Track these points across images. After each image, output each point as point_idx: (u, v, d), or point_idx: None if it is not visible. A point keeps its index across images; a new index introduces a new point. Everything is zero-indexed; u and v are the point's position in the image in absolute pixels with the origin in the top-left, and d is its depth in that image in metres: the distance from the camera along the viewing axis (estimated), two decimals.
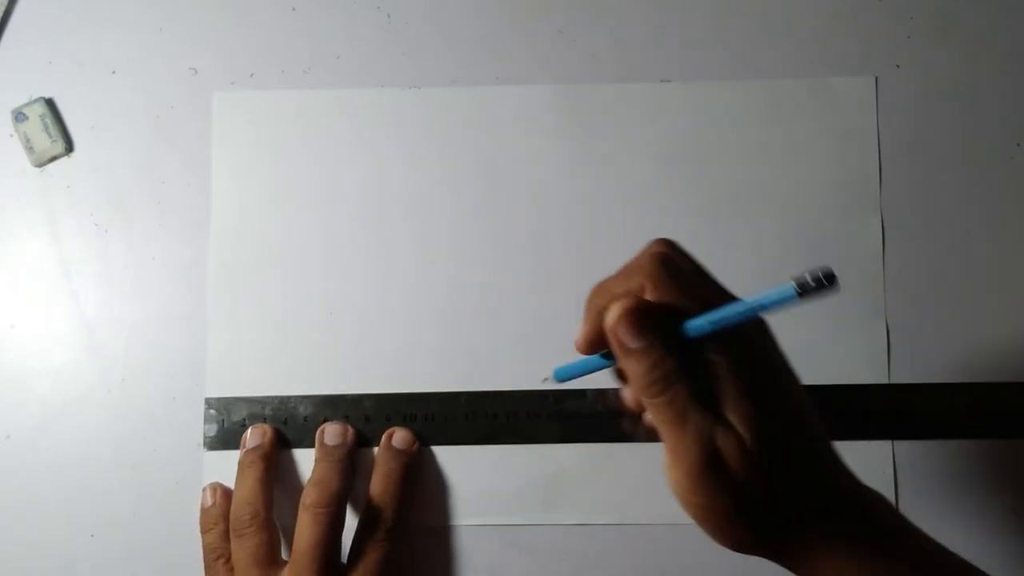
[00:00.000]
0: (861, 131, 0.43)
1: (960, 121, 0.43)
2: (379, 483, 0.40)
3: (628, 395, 0.33)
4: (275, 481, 0.41)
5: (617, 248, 0.43)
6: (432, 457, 0.42)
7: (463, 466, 0.42)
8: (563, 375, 0.36)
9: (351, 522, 0.40)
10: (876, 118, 0.43)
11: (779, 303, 0.28)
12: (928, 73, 0.44)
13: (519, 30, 0.44)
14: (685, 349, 0.28)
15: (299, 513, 0.38)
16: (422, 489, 0.41)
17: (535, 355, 0.42)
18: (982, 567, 0.41)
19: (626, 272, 0.30)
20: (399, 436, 0.41)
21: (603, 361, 0.33)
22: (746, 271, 0.43)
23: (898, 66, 0.44)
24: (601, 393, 0.42)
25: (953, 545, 0.41)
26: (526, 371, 0.42)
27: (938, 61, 0.44)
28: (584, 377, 0.42)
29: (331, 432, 0.41)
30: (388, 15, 0.44)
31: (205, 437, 0.42)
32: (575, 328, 0.42)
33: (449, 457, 0.42)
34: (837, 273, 0.29)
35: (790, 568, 0.29)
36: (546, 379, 0.36)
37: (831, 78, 0.44)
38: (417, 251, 0.43)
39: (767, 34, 0.44)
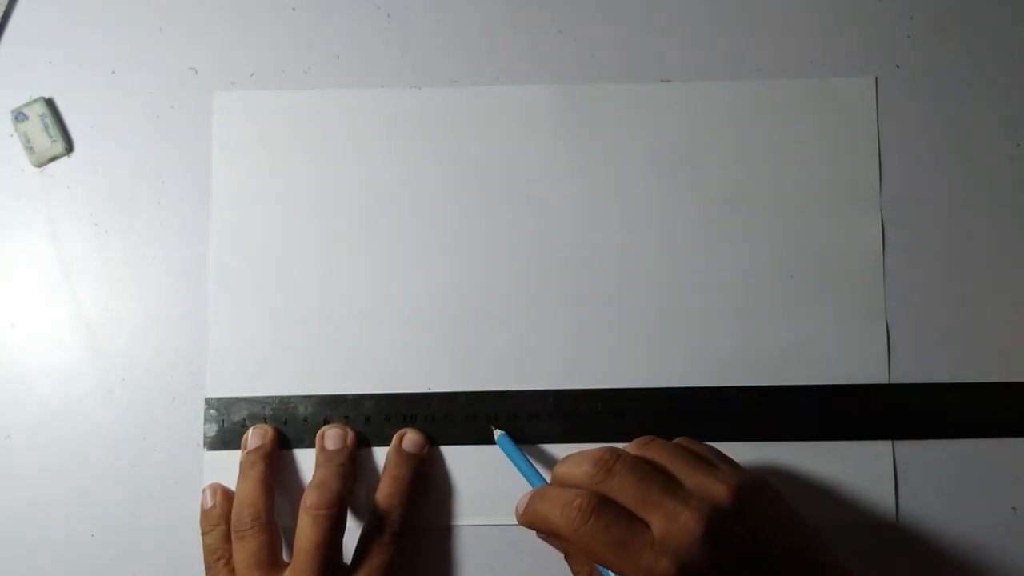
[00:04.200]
0: (861, 131, 0.43)
1: (960, 121, 0.43)
2: (387, 486, 0.40)
3: None
4: (275, 482, 0.41)
5: (616, 248, 0.43)
6: (433, 457, 0.42)
7: (463, 466, 0.42)
8: (505, 448, 0.40)
9: (352, 525, 0.40)
10: (876, 118, 0.43)
11: None
12: (928, 73, 0.44)
13: (519, 30, 0.44)
14: None
15: (299, 515, 0.38)
16: (422, 489, 0.41)
17: (535, 355, 0.42)
18: (982, 567, 0.41)
19: (564, 505, 0.33)
20: (410, 439, 0.41)
21: (537, 480, 0.38)
22: (746, 271, 0.43)
23: (898, 66, 0.44)
24: (601, 393, 0.42)
25: (953, 545, 0.41)
26: (526, 371, 0.42)
27: (938, 61, 0.44)
28: (583, 377, 0.42)
29: (332, 436, 0.41)
30: (388, 15, 0.44)
31: (205, 437, 0.42)
32: (575, 328, 0.42)
33: (449, 457, 0.42)
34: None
35: None
36: (496, 430, 0.41)
37: (831, 78, 0.44)
38: (417, 251, 0.43)
39: (767, 34, 0.44)
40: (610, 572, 0.33)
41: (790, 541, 0.33)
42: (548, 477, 0.37)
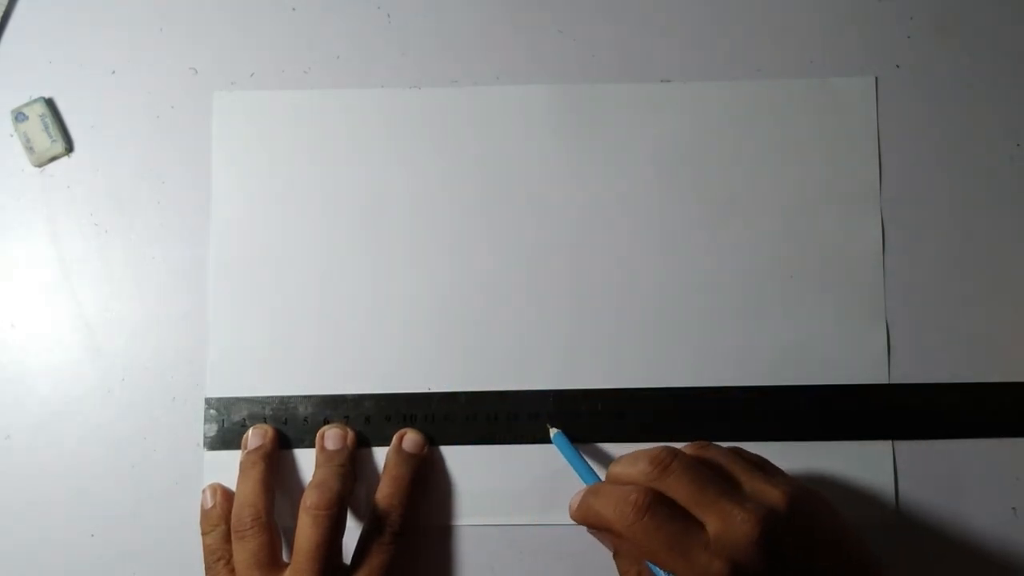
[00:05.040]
0: (861, 131, 0.43)
1: (960, 121, 0.43)
2: (387, 486, 0.40)
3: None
4: (276, 482, 0.41)
5: (616, 248, 0.43)
6: (432, 457, 0.42)
7: (463, 466, 0.42)
8: (560, 446, 0.40)
9: (352, 525, 0.40)
10: (876, 118, 0.43)
11: None
12: (928, 73, 0.44)
13: (519, 30, 0.44)
14: None
15: (299, 515, 0.38)
16: (422, 489, 0.41)
17: (535, 355, 0.42)
18: (982, 567, 0.41)
19: (618, 510, 0.33)
20: (410, 439, 0.41)
21: (591, 477, 0.38)
22: (746, 271, 0.43)
23: (898, 66, 0.44)
24: (601, 393, 0.42)
25: (953, 545, 0.41)
26: (526, 371, 0.42)
27: (938, 61, 0.44)
28: (583, 377, 0.42)
29: (332, 436, 0.41)
30: (388, 15, 0.44)
31: (205, 437, 0.42)
32: (575, 328, 0.42)
33: (449, 457, 0.42)
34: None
35: None
36: (552, 428, 0.41)
37: (831, 78, 0.44)
38: (417, 251, 0.43)
39: (767, 34, 0.44)
40: (661, 571, 0.33)
41: (841, 553, 0.33)
42: (603, 476, 0.37)
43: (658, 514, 0.32)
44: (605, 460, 0.41)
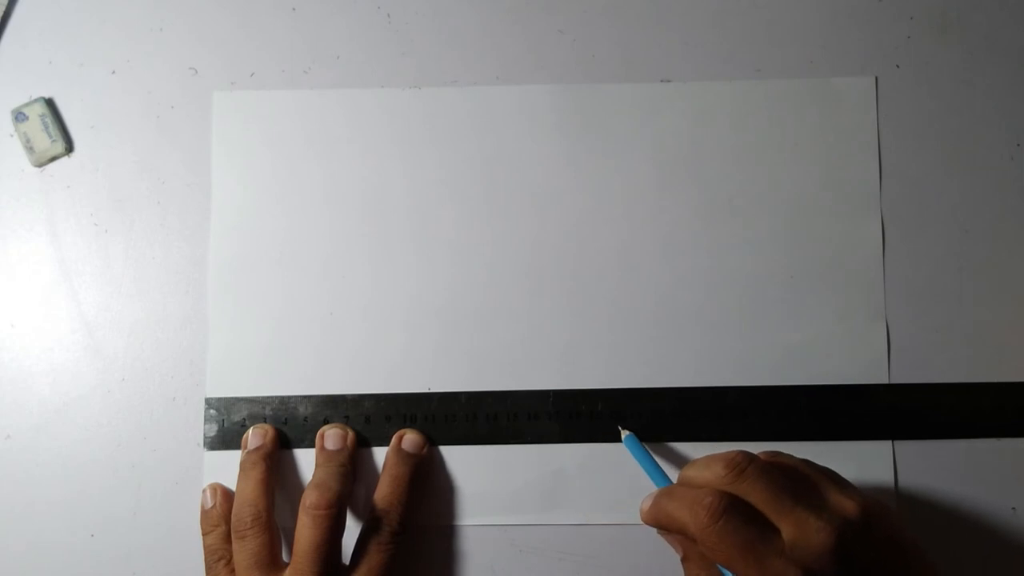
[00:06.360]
0: (861, 131, 0.43)
1: (960, 121, 0.43)
2: (386, 486, 0.40)
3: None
4: (276, 482, 0.41)
5: (616, 248, 0.43)
6: (432, 457, 0.42)
7: (463, 466, 0.42)
8: (632, 448, 0.40)
9: (352, 525, 0.40)
10: (876, 118, 0.43)
11: None
12: (928, 73, 0.44)
13: (519, 30, 0.44)
14: None
15: (299, 515, 0.38)
16: (422, 489, 0.41)
17: (535, 355, 0.42)
18: (982, 567, 0.41)
19: (692, 508, 0.33)
20: (409, 439, 0.41)
21: (663, 480, 0.38)
22: (746, 271, 0.43)
23: (898, 66, 0.44)
24: (601, 393, 0.42)
25: (953, 545, 0.41)
26: (526, 371, 0.42)
27: (938, 61, 0.44)
28: (583, 377, 0.42)
29: (332, 436, 0.41)
30: (388, 15, 0.44)
31: (205, 437, 0.42)
32: (575, 328, 0.42)
33: (449, 457, 0.42)
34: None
35: None
36: (623, 430, 0.41)
37: (831, 78, 0.44)
38: (417, 251, 0.43)
39: (767, 34, 0.44)
40: None
41: (908, 566, 0.33)
42: (674, 478, 0.37)
43: (733, 518, 0.32)
44: (605, 460, 0.41)
